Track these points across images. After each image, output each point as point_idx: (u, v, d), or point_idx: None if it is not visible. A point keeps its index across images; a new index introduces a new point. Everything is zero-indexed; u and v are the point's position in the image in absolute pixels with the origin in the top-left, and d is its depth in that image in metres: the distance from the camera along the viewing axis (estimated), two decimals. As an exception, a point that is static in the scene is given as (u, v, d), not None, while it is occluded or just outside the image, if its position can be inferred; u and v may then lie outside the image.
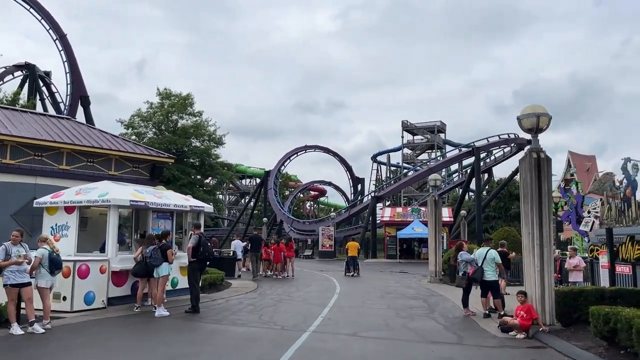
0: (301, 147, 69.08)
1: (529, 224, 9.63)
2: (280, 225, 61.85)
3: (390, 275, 25.25)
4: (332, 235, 45.24)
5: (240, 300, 13.86)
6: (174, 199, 14.35)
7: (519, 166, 10.11)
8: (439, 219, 20.52)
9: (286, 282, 19.84)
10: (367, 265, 33.48)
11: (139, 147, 19.41)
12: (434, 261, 20.19)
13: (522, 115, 9.92)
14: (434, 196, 20.74)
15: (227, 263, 20.27)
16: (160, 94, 43.07)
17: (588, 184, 64.28)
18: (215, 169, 43.28)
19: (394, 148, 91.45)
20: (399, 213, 44.27)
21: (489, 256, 11.55)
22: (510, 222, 57.85)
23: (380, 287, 18.03)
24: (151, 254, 11.12)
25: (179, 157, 42.28)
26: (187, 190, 38.92)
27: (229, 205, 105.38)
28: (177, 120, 42.84)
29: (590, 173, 69.79)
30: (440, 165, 51.39)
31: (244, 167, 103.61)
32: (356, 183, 71.18)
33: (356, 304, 13.54)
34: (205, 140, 42.98)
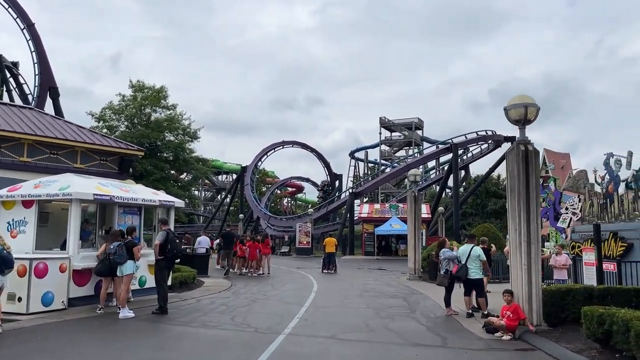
0: (278, 143, 68.31)
1: (516, 220, 9.19)
2: (257, 221, 61.01)
3: (369, 272, 24.80)
4: (309, 232, 44.69)
5: (213, 299, 13.16)
6: (142, 193, 13.57)
7: (505, 159, 9.65)
8: (418, 215, 20.09)
9: (262, 280, 19.19)
10: (344, 262, 33.01)
11: (106, 139, 18.50)
12: (413, 258, 19.77)
13: (509, 105, 9.46)
14: (413, 192, 20.31)
15: (200, 260, 19.52)
16: (133, 86, 41.84)
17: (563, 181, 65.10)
18: (190, 164, 42.27)
19: (371, 145, 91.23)
20: (376, 209, 43.92)
21: (473, 253, 11.10)
22: (487, 218, 57.93)
23: (358, 285, 17.52)
24: (115, 251, 10.36)
25: (152, 151, 41.22)
26: (161, 185, 37.90)
27: (205, 201, 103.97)
28: (150, 114, 41.69)
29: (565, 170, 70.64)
30: (418, 161, 51.20)
31: (220, 163, 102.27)
32: (334, 179, 70.65)
33: (334, 303, 12.98)
34: (180, 134, 41.93)
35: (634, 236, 13.23)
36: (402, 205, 44.50)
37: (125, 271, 10.54)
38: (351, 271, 25.27)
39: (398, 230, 40.03)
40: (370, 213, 43.47)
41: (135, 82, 42.04)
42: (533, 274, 8.97)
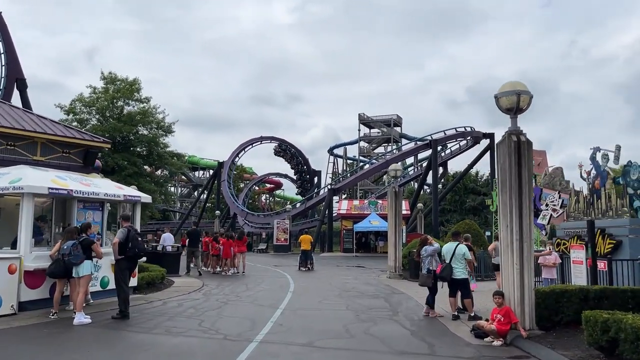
0: (256, 138, 67.16)
1: (507, 216, 8.52)
2: (234, 218, 59.91)
3: (348, 270, 24.10)
4: (287, 229, 43.85)
5: (181, 301, 12.26)
6: (105, 188, 12.59)
7: (496, 151, 8.97)
8: (399, 211, 19.43)
9: (236, 279, 18.31)
10: (323, 260, 32.30)
11: (70, 130, 17.35)
12: (394, 256, 19.11)
13: (500, 93, 8.78)
14: (394, 187, 19.63)
15: (171, 259, 18.56)
16: (105, 78, 40.39)
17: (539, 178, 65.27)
18: (164, 159, 41.02)
19: (350, 141, 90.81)
20: (355, 206, 43.29)
21: (458, 252, 10.44)
22: (465, 215, 57.95)
23: (337, 284, 16.78)
24: (70, 251, 9.39)
25: (124, 145, 39.89)
26: (133, 180, 36.63)
27: (181, 198, 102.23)
28: (122, 107, 40.31)
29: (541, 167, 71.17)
30: (397, 157, 50.70)
31: (196, 159, 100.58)
32: (312, 176, 69.86)
33: (312, 304, 12.20)
34: (154, 128, 40.67)
35: (623, 233, 12.78)
36: (381, 202, 43.97)
37: (82, 272, 9.59)
38: (330, 269, 24.55)
39: (377, 226, 39.47)
40: (349, 209, 42.82)
41: (107, 74, 40.61)
42: (526, 275, 8.33)
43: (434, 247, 11.06)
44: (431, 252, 10.99)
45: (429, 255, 11.02)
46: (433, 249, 10.99)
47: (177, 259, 18.98)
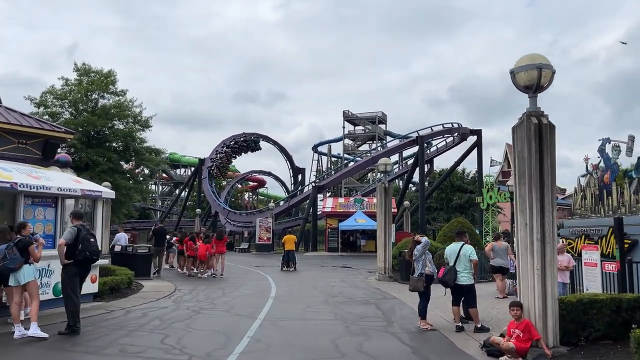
0: (239, 134, 65.33)
1: (527, 212, 7.22)
2: (215, 217, 58.22)
3: (333, 271, 22.74)
4: (270, 228, 42.36)
5: (146, 310, 10.77)
6: (59, 181, 11.03)
7: (512, 136, 7.66)
8: (389, 208, 18.12)
9: (212, 282, 16.82)
10: (307, 259, 30.93)
11: (26, 119, 15.67)
12: (383, 256, 17.79)
13: (517, 68, 7.48)
14: (384, 183, 18.30)
15: (141, 260, 16.99)
16: (78, 70, 38.43)
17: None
18: (141, 154, 39.21)
19: (335, 138, 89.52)
20: (341, 204, 41.96)
21: (463, 253, 9.15)
22: (452, 213, 56.99)
23: (323, 288, 15.41)
24: (5, 254, 7.86)
25: (99, 140, 38.05)
26: (108, 177, 34.91)
27: (162, 196, 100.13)
28: (97, 100, 38.42)
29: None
30: (384, 153, 49.31)
31: (178, 156, 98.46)
32: (296, 173, 68.35)
33: (295, 313, 10.80)
34: (130, 123, 38.85)
35: (638, 232, 11.62)
36: (367, 199, 42.76)
37: (23, 278, 8.07)
38: (314, 270, 23.17)
39: (363, 225, 38.21)
40: (334, 207, 41.48)
41: (81, 66, 38.65)
42: (549, 282, 7.03)
43: (422, 242, 9.67)
44: (422, 251, 9.62)
45: (421, 255, 9.67)
46: (423, 245, 9.61)
47: (148, 261, 17.44)
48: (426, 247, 9.61)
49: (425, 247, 9.57)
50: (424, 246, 9.55)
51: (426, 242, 9.66)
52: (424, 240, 9.71)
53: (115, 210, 37.99)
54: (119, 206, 38.25)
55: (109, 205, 28.12)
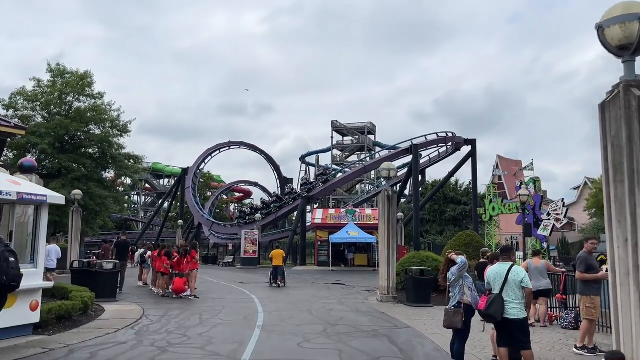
0: (224, 144, 62.88)
1: (627, 223, 5.04)
2: (198, 228, 55.54)
3: (327, 289, 20.43)
4: (256, 240, 39.88)
5: (97, 349, 8.35)
6: (-10, 181, 8.67)
7: (600, 117, 5.50)
8: (393, 219, 15.91)
9: (189, 306, 14.39)
10: (296, 275, 28.58)
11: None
12: (387, 274, 15.53)
13: (608, 20, 5.34)
14: (387, 191, 16.09)
15: (106, 279, 14.53)
16: (52, 71, 36.00)
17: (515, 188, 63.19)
18: (119, 161, 36.71)
19: (323, 149, 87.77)
20: (331, 215, 39.69)
21: (513, 277, 6.93)
22: (445, 225, 55.16)
23: (319, 312, 13.09)
24: None
25: (73, 145, 35.54)
26: (81, 185, 32.39)
27: (145, 207, 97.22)
28: (72, 102, 35.94)
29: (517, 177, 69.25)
30: (376, 163, 47.32)
31: (161, 166, 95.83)
32: (284, 184, 65.92)
33: (289, 351, 8.47)
34: (108, 128, 36.38)
35: None
36: (359, 210, 40.61)
37: None
38: (305, 288, 20.83)
39: (355, 238, 36.03)
40: (324, 219, 39.19)
41: (55, 66, 36.20)
42: (664, 323, 4.84)
43: (459, 262, 7.52)
44: (458, 274, 7.48)
45: (457, 280, 7.51)
46: (459, 267, 7.47)
47: (114, 279, 14.95)
48: (463, 268, 7.43)
49: (462, 268, 7.39)
50: (460, 268, 7.37)
51: (463, 262, 7.48)
52: (461, 259, 7.52)
53: (89, 221, 35.38)
54: (94, 216, 35.65)
55: (80, 215, 25.65)
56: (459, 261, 7.59)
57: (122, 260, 17.74)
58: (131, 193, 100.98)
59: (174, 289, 15.81)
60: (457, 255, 7.79)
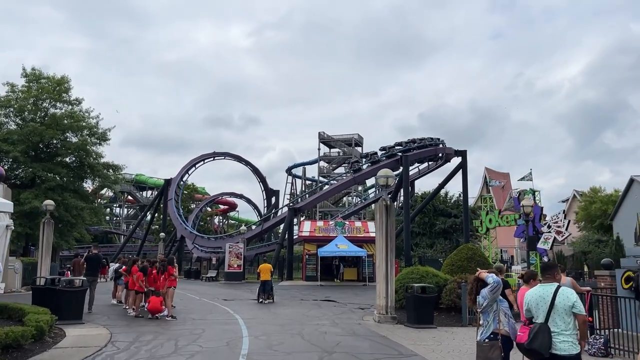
0: (209, 154, 61.17)
1: None
2: (181, 241, 53.63)
3: (317, 307, 18.91)
4: (241, 254, 38.19)
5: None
6: None
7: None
8: (392, 230, 14.52)
9: (165, 327, 12.78)
10: (283, 290, 27.00)
11: None
12: (385, 291, 14.11)
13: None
14: (384, 200, 14.71)
15: (71, 298, 12.87)
16: (27, 75, 34.29)
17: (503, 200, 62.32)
18: (97, 171, 34.93)
19: (310, 161, 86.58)
20: (320, 227, 38.16)
21: (562, 302, 5.55)
22: (435, 238, 53.86)
23: (312, 336, 11.60)
24: None
25: (48, 153, 33.76)
26: (56, 195, 30.61)
27: (127, 219, 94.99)
28: (47, 109, 34.21)
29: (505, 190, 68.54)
30: (366, 174, 46.14)
31: (144, 177, 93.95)
32: (270, 196, 64.36)
33: (279, 390, 7.00)
34: (86, 135, 34.65)
35: None
36: (348, 223, 39.17)
37: None
38: (294, 305, 19.31)
39: (345, 251, 34.52)
40: (312, 231, 37.63)
41: (30, 71, 34.51)
42: None
43: (490, 283, 6.13)
44: (491, 296, 6.09)
45: (490, 304, 6.12)
46: (492, 288, 6.08)
47: (80, 298, 13.26)
48: (497, 289, 6.03)
49: (495, 290, 6.00)
50: (493, 289, 5.98)
51: (496, 282, 6.07)
52: (493, 279, 6.10)
53: (64, 233, 33.52)
54: (69, 229, 33.78)
55: (51, 227, 23.82)
56: (490, 281, 6.16)
57: (93, 276, 16.16)
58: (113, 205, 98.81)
59: (150, 308, 14.23)
60: (489, 273, 6.40)
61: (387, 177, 14.64)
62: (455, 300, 15.13)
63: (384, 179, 14.65)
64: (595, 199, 57.90)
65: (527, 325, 5.82)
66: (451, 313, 15.17)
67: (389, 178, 14.67)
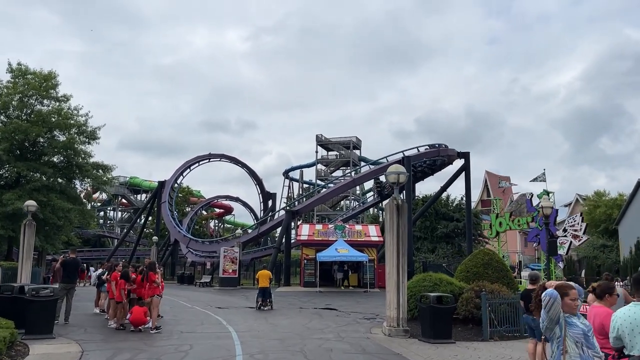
0: (204, 156, 59.66)
1: None
2: (175, 245, 51.98)
3: (318, 317, 17.34)
4: (236, 258, 36.55)
5: None
6: None
7: None
8: (404, 233, 13.01)
9: (147, 343, 11.19)
10: (281, 297, 25.42)
11: None
12: (396, 301, 12.57)
13: None
14: (396, 199, 13.20)
15: (39, 309, 11.25)
16: (13, 71, 32.70)
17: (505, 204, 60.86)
18: (85, 171, 33.31)
19: (307, 164, 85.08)
20: (319, 231, 36.55)
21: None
22: (437, 242, 52.34)
23: (316, 354, 10.03)
24: None
25: (34, 152, 32.15)
26: (41, 196, 28.95)
27: (121, 223, 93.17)
28: (34, 105, 32.62)
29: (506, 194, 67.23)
30: (366, 175, 44.66)
31: (139, 180, 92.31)
32: (267, 199, 62.78)
33: None
34: (74, 133, 33.05)
35: None
36: (348, 226, 37.61)
37: None
38: (294, 315, 17.74)
39: (345, 255, 32.94)
40: (311, 235, 36.03)
41: (16, 66, 32.91)
42: None
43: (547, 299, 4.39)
44: (547, 316, 4.37)
45: (550, 327, 4.41)
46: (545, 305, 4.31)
47: (50, 309, 11.64)
48: (551, 306, 4.24)
49: (550, 307, 4.24)
50: (547, 306, 4.25)
51: (549, 295, 4.33)
52: (550, 296, 4.37)
53: (50, 236, 31.83)
54: (55, 231, 32.08)
55: (32, 229, 22.14)
56: (547, 297, 4.43)
57: (70, 283, 14.62)
58: (107, 208, 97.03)
59: (132, 319, 12.65)
60: (550, 284, 4.75)
61: (398, 173, 13.11)
62: (472, 310, 13.61)
63: (395, 175, 13.11)
64: (599, 203, 56.55)
65: (615, 358, 4.30)
66: (468, 325, 13.66)
67: (400, 174, 13.13)
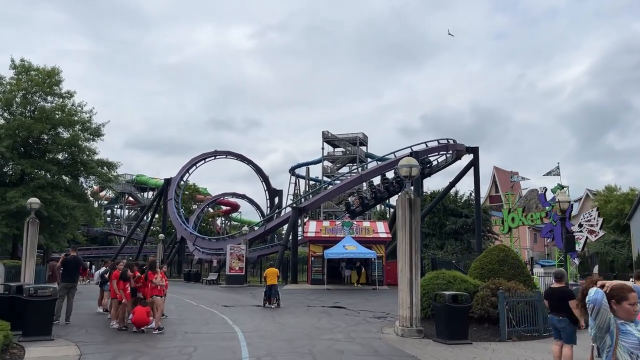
0: (210, 153, 59.16)
1: None
2: (181, 243, 51.67)
3: (327, 315, 16.83)
4: (243, 256, 36.12)
5: None
6: None
7: None
8: (416, 229, 12.47)
9: (149, 344, 10.73)
10: (288, 295, 24.92)
11: None
12: (409, 300, 12.03)
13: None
14: (408, 193, 12.65)
15: (37, 309, 10.80)
16: (16, 67, 32.33)
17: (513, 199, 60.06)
18: (90, 168, 32.94)
19: (313, 160, 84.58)
20: (326, 227, 36.03)
21: None
22: (445, 239, 51.67)
23: (326, 356, 9.52)
24: None
25: (37, 149, 31.80)
26: (46, 194, 28.63)
27: (128, 220, 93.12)
28: (37, 102, 32.26)
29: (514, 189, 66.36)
30: (374, 171, 44.11)
31: (145, 178, 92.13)
32: (273, 196, 62.33)
33: None
34: (78, 130, 32.67)
35: None
36: (356, 223, 37.07)
37: None
38: (301, 313, 17.25)
39: (353, 252, 32.41)
40: (318, 232, 35.50)
41: (19, 62, 32.54)
42: None
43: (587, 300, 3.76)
44: (595, 323, 3.77)
45: (599, 334, 3.81)
46: (590, 310, 3.76)
47: (49, 309, 11.19)
48: (598, 312, 3.64)
49: (596, 312, 3.67)
50: (594, 312, 3.65)
51: (592, 300, 3.71)
52: (590, 295, 3.74)
53: (55, 234, 31.52)
54: (60, 229, 31.76)
55: (36, 227, 21.77)
56: (592, 298, 3.82)
57: (71, 282, 14.19)
58: (114, 206, 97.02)
59: (134, 320, 12.18)
60: (594, 285, 4.13)
61: (410, 166, 12.54)
62: (489, 309, 13.04)
63: (407, 168, 12.54)
64: (610, 198, 55.68)
65: None
66: (484, 324, 13.09)
67: (412, 168, 12.57)
